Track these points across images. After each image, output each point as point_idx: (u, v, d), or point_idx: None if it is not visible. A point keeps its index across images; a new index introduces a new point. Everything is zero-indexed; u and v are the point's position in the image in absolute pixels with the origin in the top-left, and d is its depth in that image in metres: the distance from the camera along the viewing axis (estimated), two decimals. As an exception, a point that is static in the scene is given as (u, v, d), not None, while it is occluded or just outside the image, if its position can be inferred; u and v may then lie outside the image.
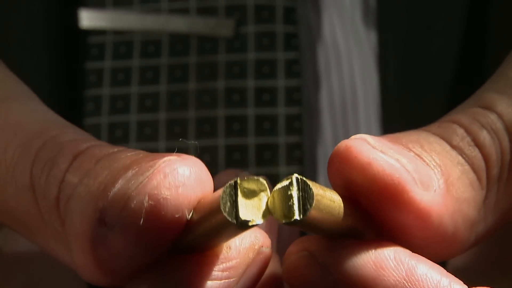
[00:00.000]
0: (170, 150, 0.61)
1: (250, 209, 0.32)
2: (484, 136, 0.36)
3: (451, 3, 0.63)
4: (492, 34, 0.61)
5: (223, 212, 0.31)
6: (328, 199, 0.33)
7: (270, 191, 0.32)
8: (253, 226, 0.31)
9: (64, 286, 0.46)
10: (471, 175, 0.36)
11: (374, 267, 0.33)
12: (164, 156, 0.33)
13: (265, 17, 0.64)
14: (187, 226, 0.33)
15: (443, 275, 0.33)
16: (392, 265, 0.33)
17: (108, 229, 0.33)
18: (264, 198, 0.32)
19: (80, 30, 0.64)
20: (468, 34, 0.62)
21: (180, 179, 0.32)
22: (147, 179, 0.32)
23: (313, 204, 0.31)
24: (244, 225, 0.31)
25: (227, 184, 0.31)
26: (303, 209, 0.32)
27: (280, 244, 0.37)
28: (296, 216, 0.31)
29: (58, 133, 0.39)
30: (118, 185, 0.32)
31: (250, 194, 0.32)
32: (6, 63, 0.49)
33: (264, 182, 0.32)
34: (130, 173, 0.33)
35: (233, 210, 0.31)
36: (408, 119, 0.57)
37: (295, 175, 0.32)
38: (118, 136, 0.62)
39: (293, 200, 0.32)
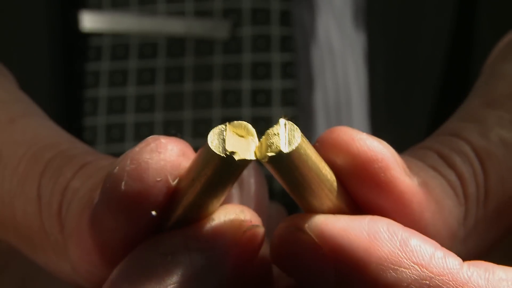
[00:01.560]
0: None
1: (238, 147, 0.31)
2: (455, 158, 0.37)
3: (439, 5, 0.63)
4: (480, 36, 0.62)
5: (210, 147, 0.31)
6: (316, 154, 0.33)
7: (259, 139, 0.32)
8: (240, 162, 0.31)
9: (57, 282, 0.47)
10: (448, 188, 0.36)
11: (367, 238, 0.32)
12: None
13: (260, 19, 0.64)
14: (173, 197, 0.33)
15: (437, 248, 0.33)
16: (386, 236, 0.32)
17: (97, 203, 0.33)
18: (251, 142, 0.32)
19: (79, 32, 0.64)
20: (456, 36, 0.63)
21: (163, 146, 0.32)
22: (131, 149, 0.33)
23: (300, 140, 0.31)
24: (231, 159, 0.31)
25: (216, 127, 0.31)
26: (289, 142, 0.31)
27: (269, 228, 0.36)
28: (282, 148, 0.31)
29: (68, 147, 0.40)
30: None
31: (239, 137, 0.32)
32: (6, 65, 0.50)
33: (252, 128, 0.32)
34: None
35: (220, 144, 0.31)
36: (396, 119, 0.58)
37: (282, 119, 0.32)
38: (114, 137, 0.62)
39: (279, 137, 0.31)
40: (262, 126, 0.61)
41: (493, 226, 0.38)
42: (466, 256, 0.36)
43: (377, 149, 0.33)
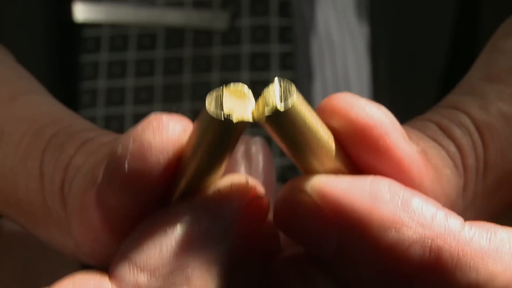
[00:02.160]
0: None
1: (235, 109, 0.31)
2: (455, 129, 0.37)
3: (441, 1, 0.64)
4: (483, 25, 0.62)
5: (208, 111, 0.31)
6: (313, 113, 0.32)
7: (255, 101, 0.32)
8: (238, 123, 0.31)
9: (59, 265, 0.47)
10: (447, 159, 0.36)
11: (369, 198, 0.32)
12: None
13: (259, 10, 0.64)
14: (176, 171, 0.33)
15: (438, 208, 0.33)
16: (388, 196, 0.32)
17: (101, 184, 0.33)
18: (248, 103, 0.32)
19: (77, 23, 0.64)
20: (459, 25, 0.63)
21: (165, 125, 0.32)
22: (133, 129, 0.33)
23: (295, 97, 0.31)
24: (228, 121, 0.31)
25: (213, 91, 0.31)
26: (285, 97, 0.31)
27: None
28: (278, 105, 0.31)
29: (70, 124, 0.40)
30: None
31: (236, 99, 0.32)
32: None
33: (249, 90, 0.32)
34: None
35: (218, 107, 0.31)
36: (399, 110, 0.58)
37: (277, 77, 0.32)
38: (113, 128, 0.63)
39: (275, 96, 0.31)
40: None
41: (491, 200, 0.38)
42: None
43: (376, 115, 0.33)
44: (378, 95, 0.63)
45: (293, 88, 0.31)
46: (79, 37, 0.64)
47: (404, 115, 0.39)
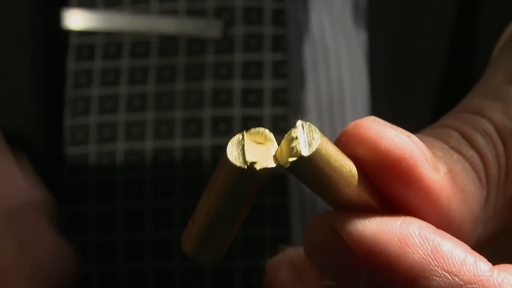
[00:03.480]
0: (156, 150, 0.62)
1: (258, 156, 0.31)
2: (478, 138, 0.36)
3: (440, 2, 0.63)
4: (481, 32, 0.62)
5: (229, 159, 0.31)
6: (336, 151, 0.32)
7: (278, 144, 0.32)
8: (262, 171, 0.31)
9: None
10: (472, 172, 0.36)
11: (399, 243, 0.32)
12: None
13: (253, 18, 0.64)
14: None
15: (468, 252, 0.33)
16: (418, 241, 0.32)
17: None
18: (271, 148, 0.32)
19: (71, 31, 0.64)
20: (457, 32, 0.63)
21: None
22: None
23: (320, 141, 0.31)
24: (252, 169, 0.31)
25: (233, 137, 0.31)
26: (309, 144, 0.31)
27: None
28: (303, 151, 0.31)
29: None
30: None
31: (257, 144, 0.32)
32: None
33: (271, 134, 0.32)
34: None
35: (240, 154, 0.31)
36: (397, 117, 0.58)
37: (299, 120, 0.32)
38: (106, 136, 0.63)
39: (298, 140, 0.31)
40: (253, 125, 0.61)
41: (511, 208, 0.37)
42: (487, 237, 0.37)
43: (405, 147, 0.33)
44: (376, 102, 0.63)
45: (317, 133, 0.31)
46: (74, 45, 0.64)
47: (402, 121, 0.38)
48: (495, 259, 0.34)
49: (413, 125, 0.39)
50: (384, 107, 0.62)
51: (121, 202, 0.62)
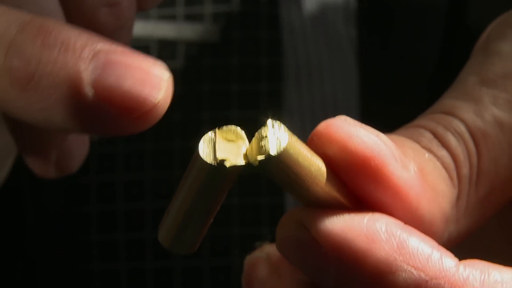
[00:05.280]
0: (155, 152, 0.63)
1: (229, 153, 0.32)
2: (450, 138, 0.37)
3: (431, 3, 0.64)
4: (472, 34, 0.62)
5: (201, 156, 0.31)
6: (306, 149, 0.33)
7: (249, 141, 0.32)
8: (232, 167, 0.32)
9: None
10: (443, 171, 0.36)
11: (365, 239, 0.32)
12: None
13: (250, 23, 0.65)
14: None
15: (434, 247, 0.33)
16: (384, 237, 0.32)
17: None
18: (242, 146, 0.32)
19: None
20: (448, 34, 0.64)
21: None
22: None
23: (288, 140, 0.31)
24: (222, 166, 0.31)
25: (206, 134, 0.32)
26: (277, 143, 0.32)
27: None
28: (271, 150, 0.31)
29: None
30: None
31: (229, 142, 0.32)
32: None
33: (242, 132, 0.33)
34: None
35: (211, 151, 0.31)
36: (389, 118, 0.58)
37: (269, 119, 0.32)
38: (107, 137, 0.63)
39: (267, 139, 0.32)
40: (250, 128, 0.62)
41: (484, 205, 0.38)
42: (459, 235, 0.37)
43: (374, 146, 0.33)
44: (367, 102, 0.63)
45: (285, 132, 0.32)
46: None
47: (393, 120, 0.39)
48: (475, 256, 0.34)
49: (405, 122, 0.39)
50: (376, 108, 0.62)
51: (122, 203, 0.63)
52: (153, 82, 0.33)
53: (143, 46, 0.65)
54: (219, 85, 0.64)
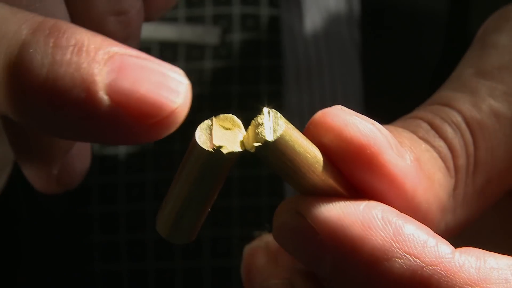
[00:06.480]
0: (156, 153, 0.63)
1: (225, 140, 0.32)
2: (447, 129, 0.37)
3: (433, 4, 0.64)
4: (473, 34, 0.63)
5: (198, 143, 0.32)
6: (302, 137, 0.33)
7: (246, 129, 0.33)
8: (229, 154, 0.32)
9: None
10: (439, 161, 0.37)
11: (361, 226, 0.32)
12: None
13: (250, 25, 0.65)
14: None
15: (430, 235, 0.33)
16: (380, 224, 0.32)
17: None
18: (238, 134, 0.33)
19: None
20: (450, 34, 0.64)
21: None
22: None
23: (284, 127, 0.32)
24: (219, 152, 0.32)
25: (203, 122, 0.32)
26: (274, 130, 0.32)
27: None
28: (267, 137, 0.32)
29: None
30: None
31: (225, 130, 0.33)
32: None
33: (238, 120, 0.33)
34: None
35: (208, 139, 0.32)
36: (390, 119, 0.59)
37: (265, 107, 0.33)
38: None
39: (264, 126, 0.32)
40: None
41: (480, 197, 0.38)
42: (457, 225, 0.37)
43: (369, 134, 0.33)
44: (369, 104, 0.63)
45: (282, 119, 0.32)
46: None
47: (396, 119, 0.39)
48: (479, 245, 0.34)
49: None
50: (377, 111, 0.62)
51: (124, 204, 0.64)
52: (171, 85, 0.32)
53: (145, 48, 0.65)
54: (219, 87, 0.64)
